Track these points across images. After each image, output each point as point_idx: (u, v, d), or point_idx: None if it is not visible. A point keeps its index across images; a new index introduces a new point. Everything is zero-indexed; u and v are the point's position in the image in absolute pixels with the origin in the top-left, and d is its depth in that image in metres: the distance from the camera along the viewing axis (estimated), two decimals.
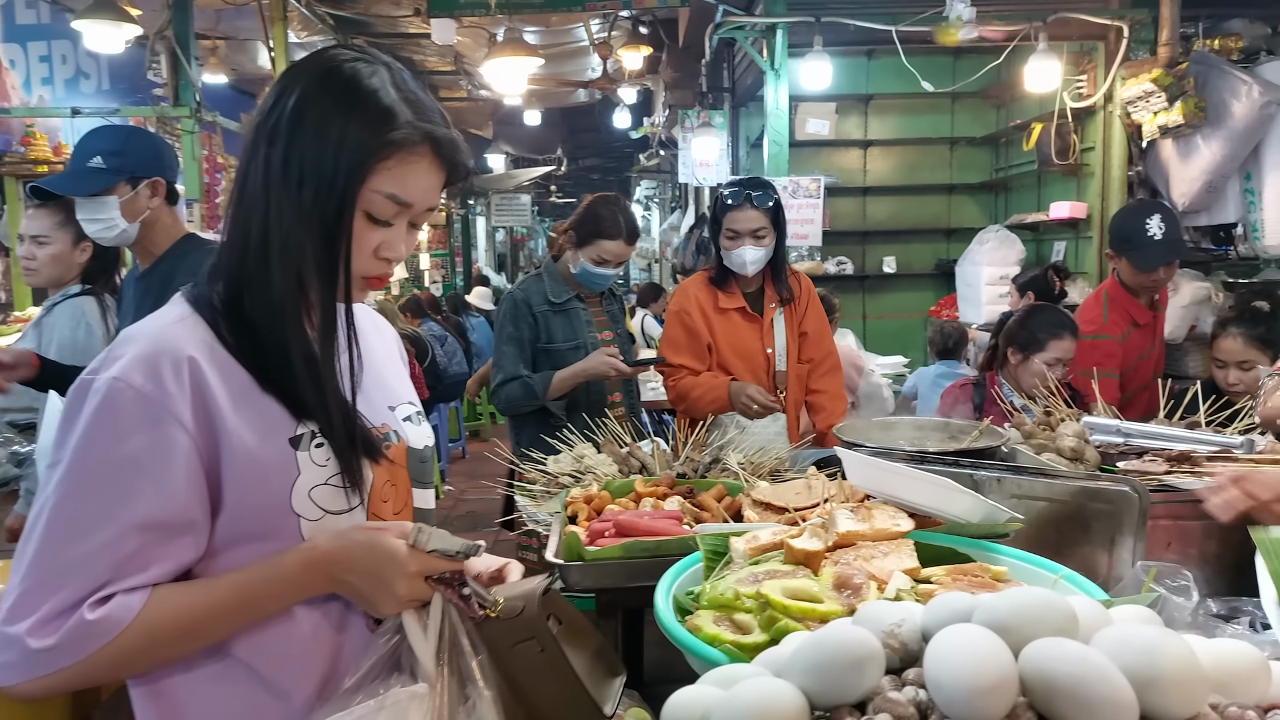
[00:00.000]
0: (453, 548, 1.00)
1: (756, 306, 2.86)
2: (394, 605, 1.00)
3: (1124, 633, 0.63)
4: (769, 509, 1.65)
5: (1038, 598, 0.68)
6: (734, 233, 2.72)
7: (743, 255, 2.72)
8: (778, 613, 1.03)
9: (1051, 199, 4.92)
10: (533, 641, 1.06)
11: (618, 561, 1.45)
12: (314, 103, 1.02)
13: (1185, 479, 1.88)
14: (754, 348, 2.84)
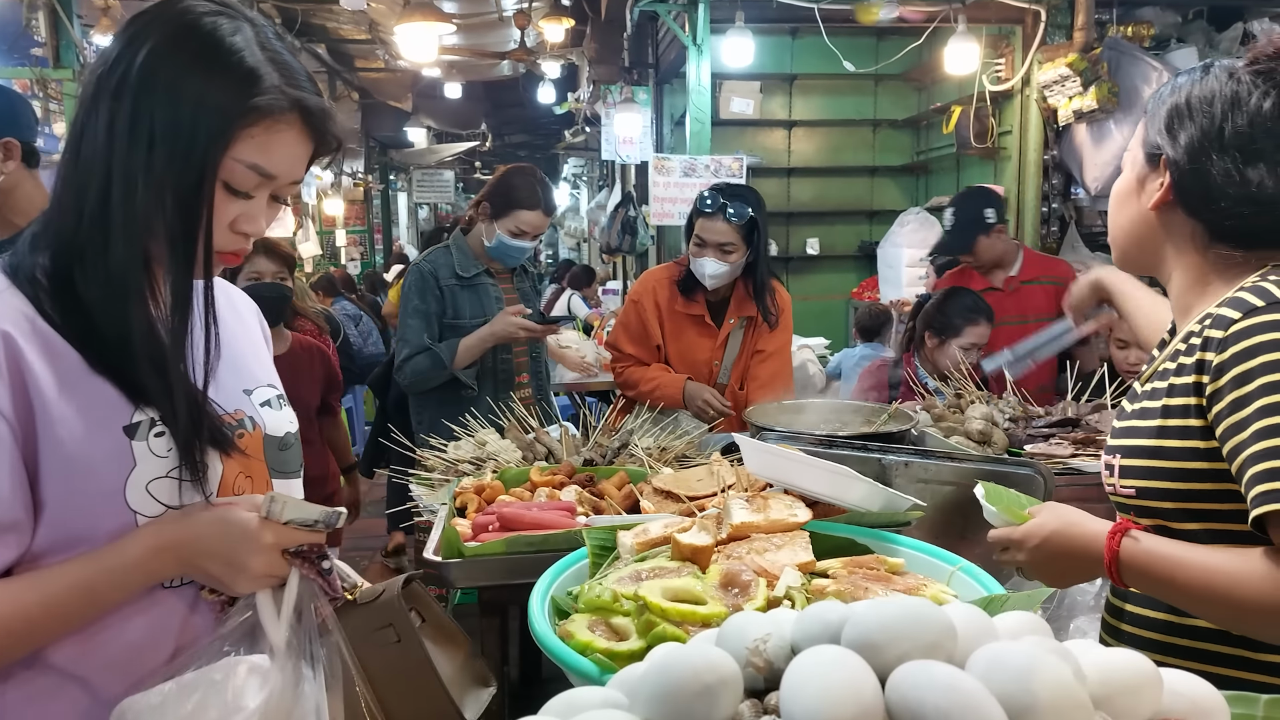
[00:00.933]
0: (310, 516, 0.92)
1: (716, 318, 2.73)
2: (249, 584, 0.93)
3: (998, 653, 0.56)
4: (669, 497, 1.57)
5: (912, 610, 0.61)
6: (701, 241, 2.58)
7: (703, 267, 2.58)
8: (655, 616, 0.95)
9: (969, 181, 4.96)
10: (389, 629, 0.99)
11: (500, 558, 1.36)
12: (168, 58, 0.92)
13: (1089, 461, 1.88)
14: (702, 358, 2.73)
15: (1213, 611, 1.02)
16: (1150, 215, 1.13)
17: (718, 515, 1.30)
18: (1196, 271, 1.12)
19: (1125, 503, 1.13)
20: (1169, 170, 1.09)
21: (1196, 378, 1.03)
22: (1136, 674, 0.62)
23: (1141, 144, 1.14)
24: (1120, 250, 1.22)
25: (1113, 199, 1.21)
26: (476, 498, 1.65)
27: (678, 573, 1.08)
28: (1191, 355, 1.05)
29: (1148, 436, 1.09)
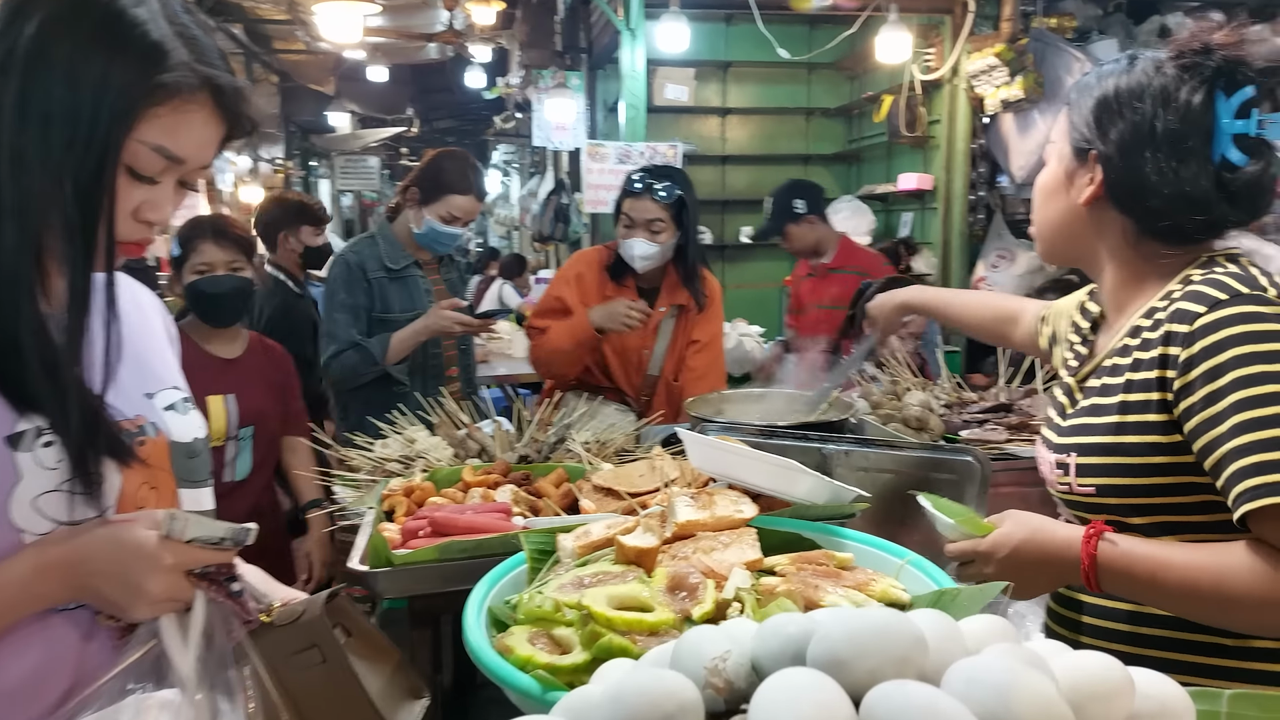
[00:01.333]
0: (216, 534, 0.85)
1: (649, 298, 2.62)
2: (148, 608, 0.85)
3: (975, 669, 0.52)
4: (609, 495, 1.52)
5: (880, 624, 0.56)
6: (630, 220, 2.51)
7: (632, 248, 2.50)
8: (601, 627, 0.90)
9: (900, 170, 5.01)
10: (314, 650, 0.92)
11: (432, 565, 1.28)
12: (63, 32, 0.83)
13: (1024, 446, 1.89)
14: (633, 345, 2.64)
15: (1199, 609, 1.01)
16: (1080, 210, 1.12)
17: (662, 514, 1.25)
18: (1130, 267, 1.12)
19: (1083, 501, 1.11)
20: (1100, 165, 1.08)
21: (1160, 373, 1.02)
22: (1108, 680, 0.59)
23: (1067, 137, 1.13)
24: (1047, 244, 1.21)
25: (1038, 192, 1.19)
26: (406, 500, 1.57)
27: (622, 577, 1.02)
28: (1149, 350, 1.04)
29: (1105, 434, 1.07)
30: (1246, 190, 1.03)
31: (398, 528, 1.45)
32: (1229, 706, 0.63)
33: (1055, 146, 1.17)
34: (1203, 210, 1.04)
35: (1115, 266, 1.14)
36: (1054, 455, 1.15)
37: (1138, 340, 1.07)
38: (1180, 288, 1.05)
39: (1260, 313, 0.97)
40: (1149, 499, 1.05)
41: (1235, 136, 1.02)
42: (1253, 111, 1.03)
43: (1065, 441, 1.13)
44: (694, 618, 0.93)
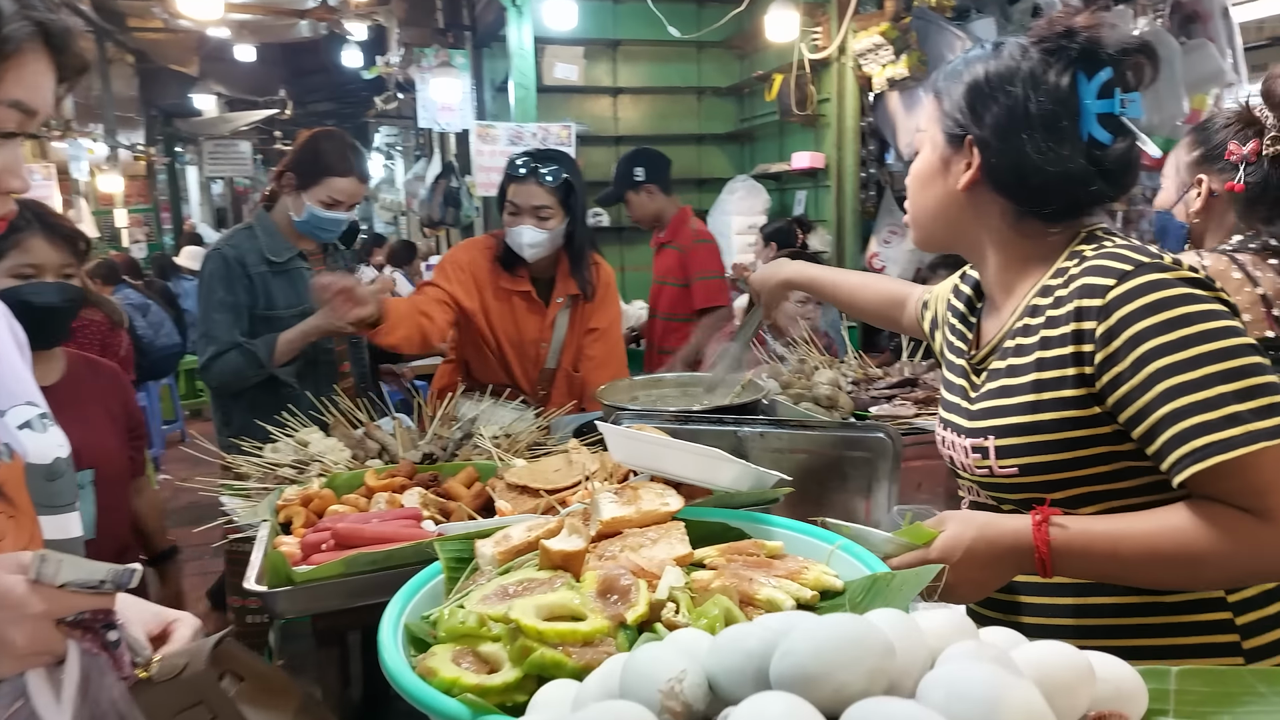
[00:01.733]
0: (95, 577, 0.75)
1: (544, 295, 2.53)
2: (14, 663, 0.75)
3: (955, 681, 0.49)
4: (525, 493, 1.45)
5: (847, 633, 0.53)
6: (515, 207, 2.39)
7: (520, 235, 2.38)
8: (531, 640, 0.84)
9: (793, 149, 5.07)
10: (200, 708, 0.85)
11: (338, 581, 1.19)
12: None
13: (933, 420, 1.92)
14: (529, 338, 2.53)
15: (1164, 574, 1.01)
16: (959, 195, 1.13)
17: (584, 511, 1.20)
18: (1012, 248, 1.14)
19: (1005, 482, 1.11)
20: (977, 150, 1.09)
21: (1076, 348, 1.03)
22: (1071, 670, 0.58)
23: (939, 124, 1.14)
24: (924, 231, 1.21)
25: (914, 181, 1.20)
26: (304, 510, 1.47)
27: (550, 584, 0.97)
28: (1059, 327, 1.05)
29: (1022, 413, 1.08)
30: (1117, 166, 1.07)
31: (297, 541, 1.35)
32: (1177, 683, 0.64)
33: (926, 134, 1.17)
34: (1079, 187, 1.07)
35: (996, 249, 1.15)
36: (968, 440, 1.15)
37: (1040, 319, 1.08)
38: (1074, 264, 1.07)
39: (1165, 279, 0.99)
40: (1071, 473, 1.06)
41: (1100, 116, 1.06)
42: (1115, 91, 1.06)
43: (980, 425, 1.13)
44: (628, 622, 0.89)
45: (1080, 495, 1.07)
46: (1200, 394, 0.94)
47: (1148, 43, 1.09)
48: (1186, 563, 0.97)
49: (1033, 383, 1.07)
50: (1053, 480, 1.07)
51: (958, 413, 1.21)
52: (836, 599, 1.03)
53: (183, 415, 7.12)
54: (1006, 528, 1.05)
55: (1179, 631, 1.08)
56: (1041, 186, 1.07)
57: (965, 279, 1.34)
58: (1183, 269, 1.01)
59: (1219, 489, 0.96)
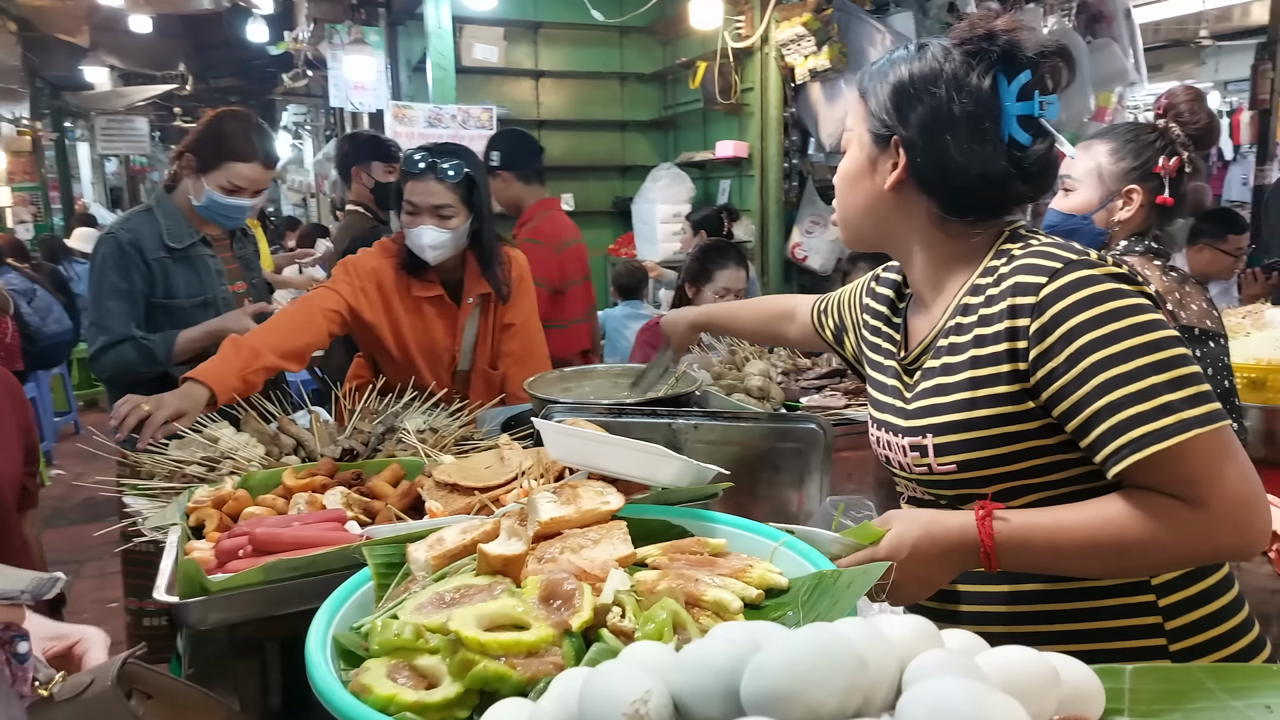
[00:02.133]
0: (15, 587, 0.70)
1: (454, 295, 2.35)
2: None
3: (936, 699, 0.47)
4: (456, 491, 1.40)
5: (818, 647, 0.51)
6: (414, 206, 2.19)
7: (421, 235, 2.18)
8: (473, 653, 0.80)
9: (717, 137, 5.07)
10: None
11: (258, 589, 1.12)
12: None
13: (862, 410, 1.94)
14: (442, 344, 2.36)
15: (1101, 564, 1.04)
16: (886, 195, 1.14)
17: (521, 512, 1.16)
18: (939, 247, 1.15)
19: (944, 479, 1.12)
20: (903, 150, 1.11)
21: (1010, 345, 1.04)
22: (1038, 675, 0.57)
23: (865, 124, 1.15)
24: (853, 230, 1.22)
25: (841, 180, 1.20)
26: (217, 513, 1.38)
27: (489, 591, 0.92)
28: (992, 325, 1.06)
29: (959, 411, 1.09)
30: (1036, 167, 1.10)
31: (210, 546, 1.27)
32: (1131, 682, 0.64)
33: (853, 134, 1.18)
34: (1001, 188, 1.09)
35: (924, 248, 1.17)
36: (905, 439, 1.16)
37: (973, 317, 1.09)
38: (1003, 263, 1.08)
39: (1094, 275, 1.01)
40: (1007, 467, 1.08)
41: (1020, 118, 1.07)
42: (1034, 93, 1.08)
43: (917, 424, 1.14)
44: (573, 629, 0.85)
45: (1015, 488, 1.09)
46: (1134, 385, 0.97)
47: (1064, 46, 1.11)
48: (1122, 551, 0.99)
49: (968, 380, 1.08)
50: (989, 475, 1.09)
51: (892, 413, 1.21)
52: (781, 597, 1.02)
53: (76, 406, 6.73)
54: (951, 524, 1.06)
55: (1106, 615, 1.11)
56: (965, 187, 1.09)
57: (880, 280, 1.35)
58: (1109, 265, 1.03)
59: (1153, 478, 0.98)
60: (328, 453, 1.76)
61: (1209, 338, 1.63)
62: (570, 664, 0.82)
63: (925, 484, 1.17)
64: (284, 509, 1.42)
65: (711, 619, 0.94)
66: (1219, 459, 0.96)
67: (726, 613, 0.93)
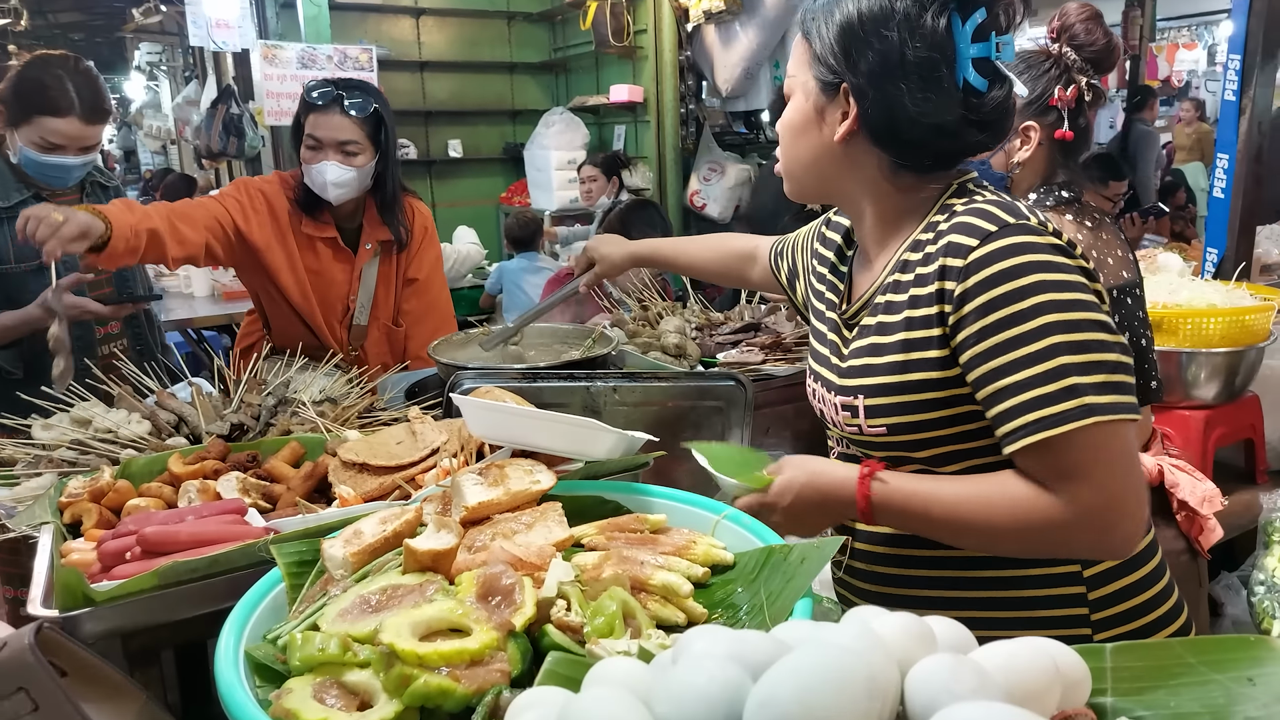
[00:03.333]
0: None
1: (351, 241, 2.22)
2: None
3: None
4: (365, 471, 1.30)
5: (828, 670, 0.47)
6: (316, 141, 2.06)
7: (324, 172, 2.05)
8: (410, 667, 0.72)
9: (610, 81, 4.93)
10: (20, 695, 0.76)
11: (151, 596, 1.01)
12: None
13: (780, 366, 1.92)
14: (337, 293, 2.22)
15: (967, 539, 1.04)
16: (834, 147, 1.07)
17: (444, 495, 1.08)
18: (888, 200, 1.10)
19: (875, 441, 1.10)
20: (853, 100, 1.04)
21: (939, 307, 1.00)
22: (1043, 673, 0.55)
23: (810, 70, 1.07)
24: (798, 183, 1.15)
25: (786, 130, 1.13)
26: (96, 507, 1.24)
27: (421, 591, 0.85)
28: (927, 285, 1.02)
29: (890, 373, 1.05)
30: (993, 115, 1.04)
31: (91, 547, 1.14)
32: (1112, 660, 0.63)
33: (796, 80, 1.10)
34: (957, 138, 1.03)
35: (872, 201, 1.11)
36: (838, 397, 1.13)
37: (910, 275, 1.05)
38: (944, 218, 1.03)
39: (1028, 243, 0.96)
40: (935, 432, 1.05)
41: (975, 61, 1.00)
42: (991, 34, 1.02)
43: (850, 384, 1.11)
44: (516, 628, 0.79)
45: (943, 454, 1.07)
46: (1043, 365, 0.93)
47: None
48: (990, 533, 0.99)
49: (901, 342, 1.05)
50: (919, 440, 1.06)
51: (828, 368, 1.18)
52: (728, 573, 0.98)
53: None
54: (835, 476, 1.06)
55: (1034, 605, 1.11)
56: (919, 139, 1.03)
57: (832, 225, 1.29)
58: (1048, 233, 0.98)
59: (1036, 464, 0.96)
60: (214, 429, 1.62)
61: (1127, 293, 1.57)
62: (518, 669, 0.76)
63: (856, 443, 1.15)
64: (173, 499, 1.29)
65: (660, 604, 0.89)
66: (1100, 454, 0.92)
67: (676, 597, 0.89)
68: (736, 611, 0.89)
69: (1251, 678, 0.57)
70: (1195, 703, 0.57)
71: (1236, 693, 0.56)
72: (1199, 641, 0.61)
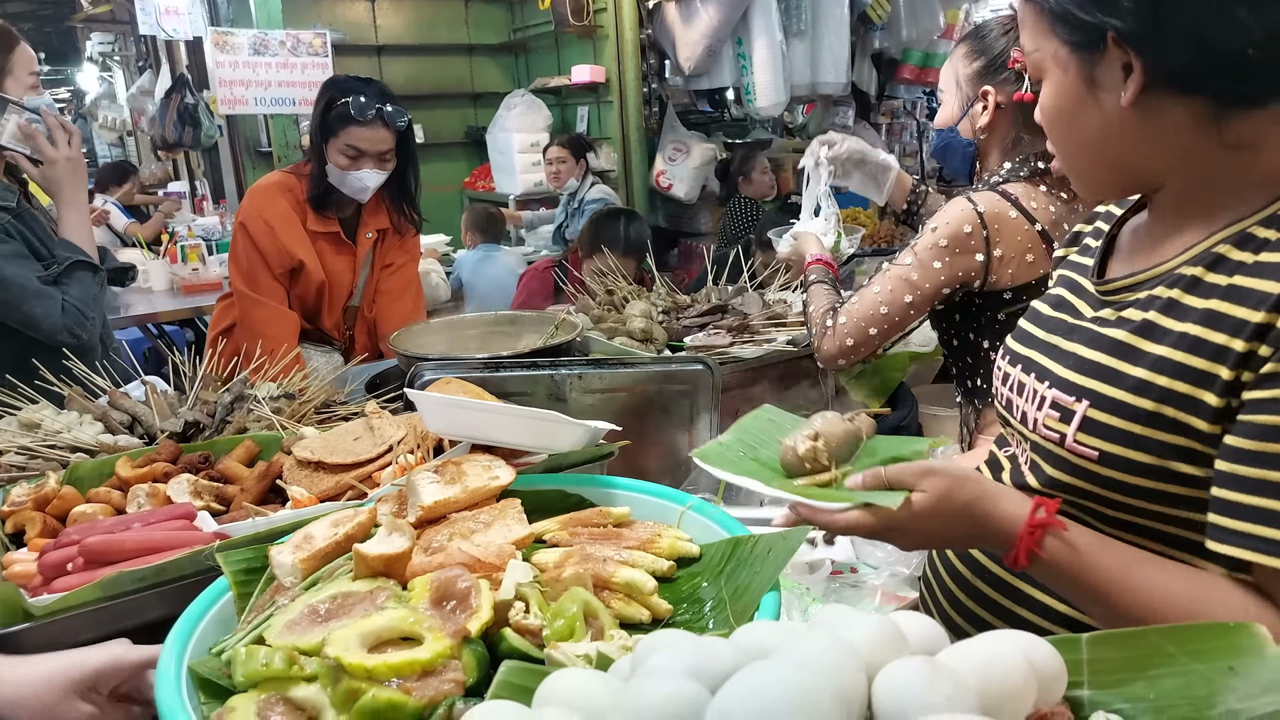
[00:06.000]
0: None
1: (350, 233, 2.40)
2: None
3: None
4: (321, 469, 1.26)
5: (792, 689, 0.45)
6: (357, 152, 2.21)
7: (363, 179, 2.23)
8: (359, 681, 0.69)
9: (571, 62, 4.85)
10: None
11: (96, 609, 0.96)
12: None
13: (747, 348, 1.90)
14: (342, 281, 2.40)
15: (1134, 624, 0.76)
16: (1125, 115, 0.81)
17: (399, 494, 1.04)
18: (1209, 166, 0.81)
19: (1071, 462, 0.85)
20: (1129, 48, 0.78)
21: (1250, 345, 0.74)
22: (1019, 674, 0.53)
23: (1054, 35, 0.83)
24: (1092, 181, 0.89)
25: (1056, 118, 0.87)
26: (40, 516, 1.19)
27: (371, 599, 0.81)
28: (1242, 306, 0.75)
29: (1139, 393, 0.80)
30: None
31: (34, 558, 1.09)
32: (1089, 652, 0.61)
33: (1042, 54, 0.86)
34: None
35: (1184, 172, 0.83)
36: (1053, 390, 0.87)
37: (1223, 279, 0.78)
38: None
39: None
40: (1162, 484, 0.80)
41: None
42: None
43: (1077, 380, 0.85)
44: (472, 634, 0.76)
45: (1147, 527, 0.83)
46: None
47: None
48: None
49: (1169, 362, 0.78)
50: (1132, 485, 0.82)
51: (1045, 352, 0.92)
52: (693, 566, 0.95)
53: None
54: (999, 512, 0.82)
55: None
56: (1241, 52, 0.74)
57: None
58: None
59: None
60: (168, 427, 1.57)
61: None
62: (473, 677, 0.73)
63: (1041, 455, 0.90)
64: (121, 504, 1.24)
65: (624, 602, 0.86)
66: None
67: (640, 594, 0.86)
68: (702, 606, 0.86)
69: (1233, 666, 0.55)
70: (1176, 694, 0.55)
71: (1218, 683, 0.54)
72: (1179, 630, 0.59)
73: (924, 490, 0.82)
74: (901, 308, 1.59)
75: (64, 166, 1.89)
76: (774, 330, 1.91)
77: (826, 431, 0.93)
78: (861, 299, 1.63)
